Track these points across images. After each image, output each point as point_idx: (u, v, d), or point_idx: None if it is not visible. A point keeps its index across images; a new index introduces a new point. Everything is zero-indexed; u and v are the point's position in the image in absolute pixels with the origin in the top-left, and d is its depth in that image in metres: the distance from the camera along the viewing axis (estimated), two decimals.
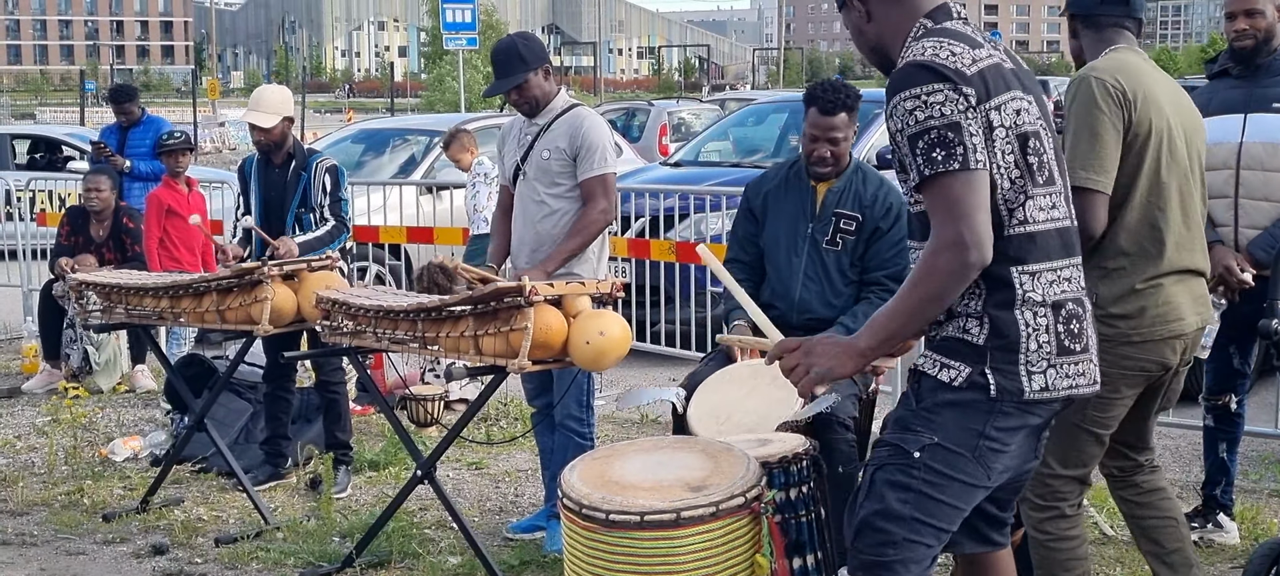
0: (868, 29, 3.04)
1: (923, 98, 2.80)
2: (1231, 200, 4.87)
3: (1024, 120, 2.87)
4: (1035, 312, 2.89)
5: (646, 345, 8.50)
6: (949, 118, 2.78)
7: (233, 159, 32.18)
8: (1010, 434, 2.92)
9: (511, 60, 5.18)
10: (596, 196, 5.18)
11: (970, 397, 2.88)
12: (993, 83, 2.83)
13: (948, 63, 2.81)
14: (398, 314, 4.69)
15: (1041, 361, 2.89)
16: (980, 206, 2.78)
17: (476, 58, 41.74)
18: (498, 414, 7.46)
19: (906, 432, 2.93)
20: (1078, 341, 2.95)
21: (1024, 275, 2.88)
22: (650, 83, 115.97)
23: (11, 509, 5.99)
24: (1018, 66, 2.98)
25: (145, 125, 10.16)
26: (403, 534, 5.37)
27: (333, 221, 6.19)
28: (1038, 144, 2.90)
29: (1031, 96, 2.93)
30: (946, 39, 2.87)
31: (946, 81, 2.79)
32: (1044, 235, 2.90)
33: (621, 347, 4.42)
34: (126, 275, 6.09)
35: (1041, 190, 2.90)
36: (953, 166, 2.78)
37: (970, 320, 2.90)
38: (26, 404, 8.15)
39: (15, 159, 16.57)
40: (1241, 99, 4.88)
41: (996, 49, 2.94)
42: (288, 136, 6.26)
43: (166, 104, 67.06)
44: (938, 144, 2.78)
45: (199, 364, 7.20)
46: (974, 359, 2.88)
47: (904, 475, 2.90)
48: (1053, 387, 2.90)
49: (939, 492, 2.90)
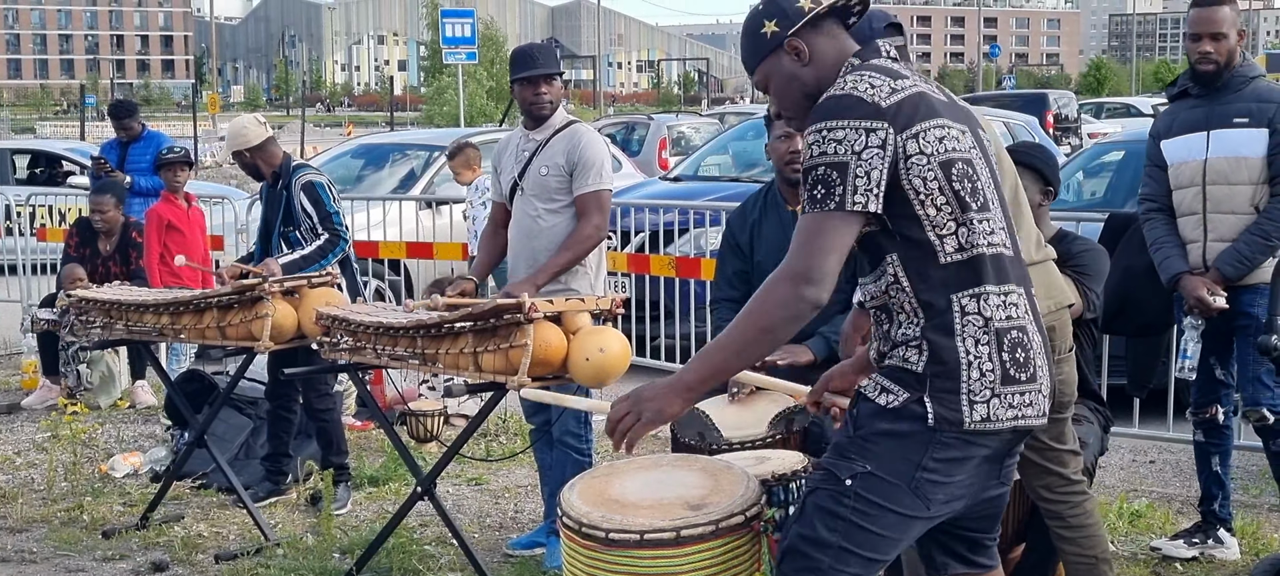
0: (805, 73, 2.99)
1: (824, 133, 2.80)
2: (1200, 216, 4.94)
3: (949, 147, 2.85)
4: (976, 340, 2.83)
5: (647, 360, 8.50)
6: (839, 156, 2.77)
7: (233, 174, 32.18)
8: (953, 465, 2.85)
9: (549, 56, 5.31)
10: (591, 212, 5.19)
11: (907, 427, 2.83)
12: (912, 111, 2.82)
13: (864, 95, 2.81)
14: (397, 331, 4.69)
15: (984, 390, 2.83)
16: (834, 249, 2.78)
17: (477, 71, 41.80)
18: (497, 430, 7.46)
19: (841, 459, 2.89)
20: (1024, 370, 2.88)
21: (963, 298, 2.84)
22: (650, 96, 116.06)
23: (11, 525, 5.99)
24: (951, 100, 2.98)
25: (145, 141, 10.17)
26: (403, 550, 5.36)
27: (325, 236, 6.16)
28: (967, 170, 2.87)
29: (964, 127, 2.92)
30: (868, 73, 2.86)
31: (853, 115, 2.78)
32: (980, 260, 2.85)
33: (621, 364, 4.41)
34: (127, 292, 6.09)
35: (976, 216, 2.86)
36: (828, 205, 2.78)
37: (910, 348, 2.86)
38: (26, 420, 8.14)
39: (15, 174, 16.58)
40: (1203, 117, 4.95)
41: (925, 82, 2.93)
42: (274, 155, 6.26)
43: (167, 118, 67.11)
44: (820, 182, 2.79)
45: (199, 380, 7.20)
46: (913, 385, 2.84)
47: (834, 502, 2.86)
48: (995, 418, 2.83)
49: (870, 523, 2.85)
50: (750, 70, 3.10)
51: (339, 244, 6.17)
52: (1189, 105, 5.03)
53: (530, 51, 5.37)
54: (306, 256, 6.07)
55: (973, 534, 3.12)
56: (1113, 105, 38.15)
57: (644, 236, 8.89)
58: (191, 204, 8.84)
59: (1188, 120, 5.00)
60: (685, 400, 2.94)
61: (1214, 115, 4.92)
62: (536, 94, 5.23)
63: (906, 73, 2.91)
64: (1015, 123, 12.58)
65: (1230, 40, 4.88)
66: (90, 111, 50.27)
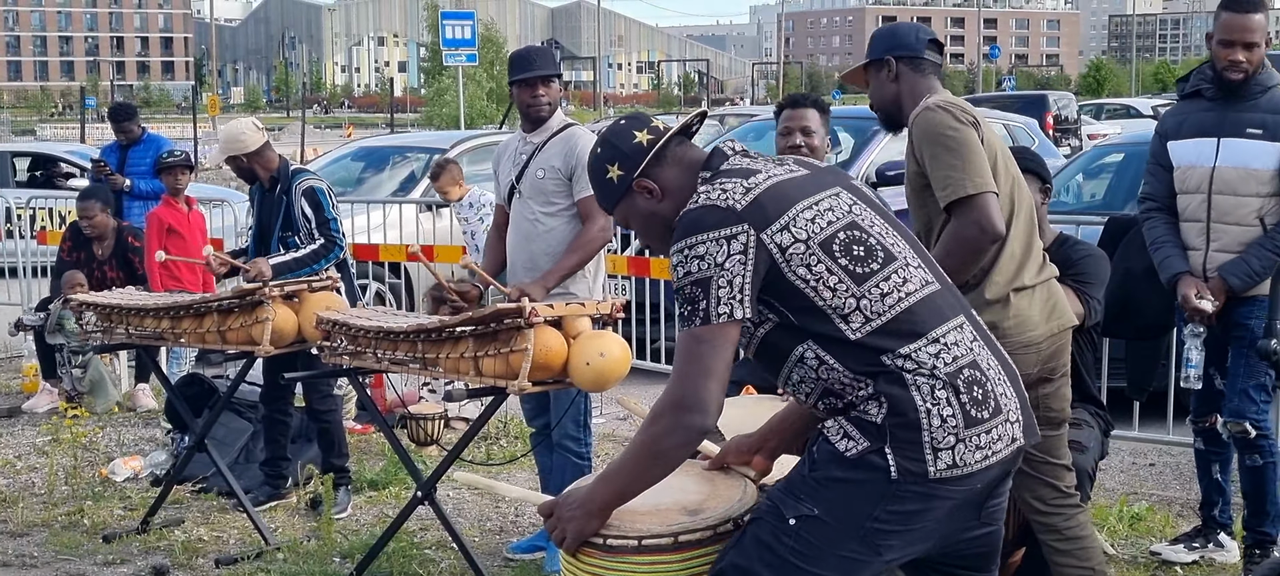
0: (662, 207, 2.95)
1: (685, 252, 2.76)
2: (1203, 225, 4.85)
3: (824, 223, 2.80)
4: (932, 387, 2.75)
5: (647, 363, 8.51)
6: (701, 272, 2.74)
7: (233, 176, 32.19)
8: (911, 517, 2.76)
9: (547, 57, 5.34)
10: (595, 214, 5.19)
11: (863, 476, 2.74)
12: (773, 204, 2.78)
13: (718, 202, 2.77)
14: (398, 335, 4.69)
15: (947, 437, 2.74)
16: (712, 371, 2.74)
17: (477, 73, 41.83)
18: (498, 432, 7.46)
19: (789, 496, 2.81)
20: (984, 408, 2.79)
21: (898, 357, 2.76)
22: (650, 97, 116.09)
23: (12, 530, 5.99)
24: (813, 170, 2.93)
25: (145, 144, 10.17)
26: (403, 554, 5.37)
27: (321, 240, 6.16)
28: (852, 236, 2.81)
29: (834, 190, 2.88)
30: (719, 180, 2.83)
31: (709, 227, 2.75)
32: (897, 321, 2.78)
33: (622, 369, 4.42)
34: (127, 295, 6.09)
35: (879, 276, 2.80)
36: (695, 322, 2.75)
37: (868, 402, 2.77)
38: (27, 423, 8.15)
39: (15, 176, 16.58)
40: (1214, 122, 4.83)
41: (781, 167, 2.89)
42: (271, 160, 6.26)
43: (167, 120, 67.12)
44: (687, 299, 2.76)
45: (199, 383, 7.20)
46: (874, 436, 2.75)
47: (774, 538, 2.79)
48: (963, 463, 2.75)
49: (807, 564, 2.76)
50: (608, 212, 3.09)
51: (333, 250, 6.17)
52: (1201, 107, 4.90)
53: (528, 54, 5.38)
54: (299, 259, 6.06)
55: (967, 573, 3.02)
56: (1112, 106, 38.14)
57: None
58: (192, 207, 8.83)
59: (1199, 123, 4.88)
60: (600, 520, 2.92)
61: (1227, 122, 4.80)
62: (534, 96, 5.24)
63: (758, 167, 2.87)
64: (1015, 125, 12.57)
65: (1261, 48, 4.76)
66: (90, 114, 50.24)
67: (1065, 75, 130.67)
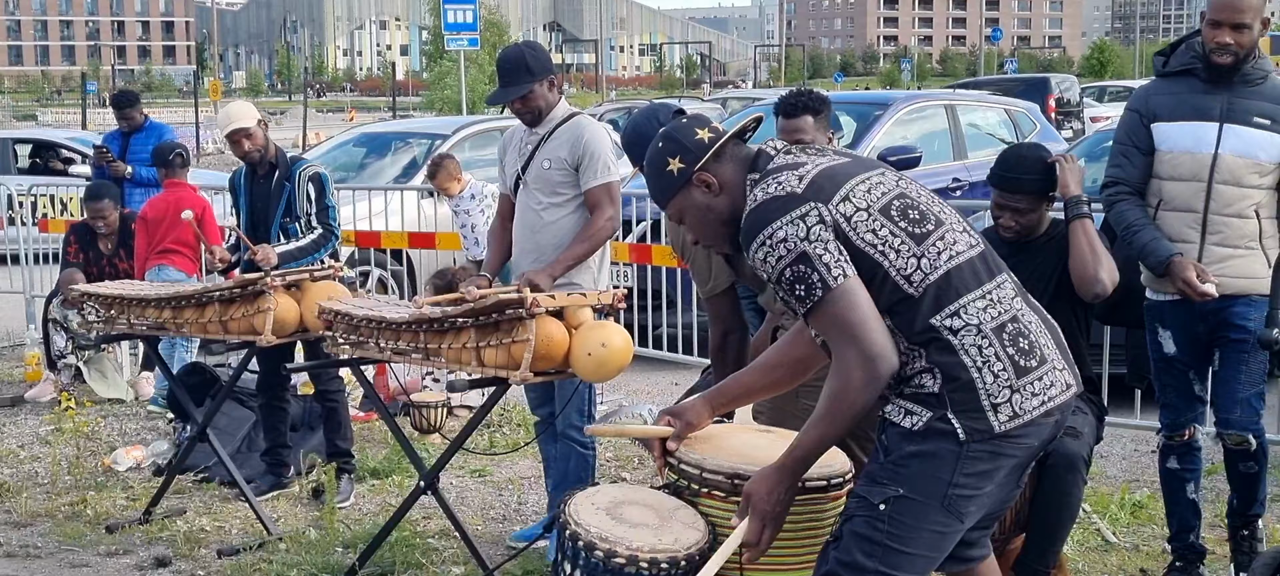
0: (718, 202, 3.07)
1: (766, 245, 2.88)
2: (1199, 215, 4.52)
3: (880, 193, 2.95)
4: (979, 347, 2.90)
5: (649, 350, 8.51)
6: (794, 250, 2.85)
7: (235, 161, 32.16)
8: (982, 478, 2.92)
9: (518, 71, 5.17)
10: (603, 204, 5.18)
11: (934, 446, 2.89)
12: (829, 183, 2.92)
13: (778, 193, 2.90)
14: (400, 325, 4.69)
15: (1002, 390, 2.89)
16: (867, 319, 2.84)
17: (479, 56, 41.76)
18: (500, 420, 7.46)
19: (873, 485, 2.95)
20: (1032, 356, 2.95)
21: (949, 317, 2.91)
22: (652, 80, 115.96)
23: (15, 520, 6.00)
24: (854, 158, 3.07)
25: (147, 131, 10.14)
26: (406, 544, 5.38)
27: (319, 230, 6.18)
28: (906, 203, 2.96)
29: (879, 170, 3.02)
30: (770, 177, 2.96)
31: (781, 213, 2.87)
32: (954, 273, 2.93)
33: (623, 358, 4.42)
34: (128, 286, 6.09)
35: (934, 236, 2.94)
36: (817, 295, 2.84)
37: (923, 374, 2.93)
38: (30, 412, 8.15)
39: (17, 163, 16.57)
40: (1217, 108, 4.51)
41: (823, 155, 3.01)
42: (269, 144, 6.26)
43: (169, 104, 67.06)
44: (796, 280, 2.87)
45: (201, 372, 7.20)
46: (934, 405, 2.90)
47: (869, 528, 2.93)
48: (1022, 411, 2.91)
49: (905, 545, 2.92)
50: (662, 206, 3.17)
51: (330, 240, 6.20)
52: (1195, 89, 4.55)
53: (502, 69, 5.21)
54: (302, 248, 6.12)
55: (971, 534, 3.14)
56: (1115, 89, 38.03)
57: (645, 226, 8.88)
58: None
59: (1196, 107, 4.52)
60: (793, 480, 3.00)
61: (1233, 108, 4.48)
62: (522, 106, 5.18)
63: (804, 159, 3.00)
64: (1016, 110, 12.55)
65: (1254, 32, 4.44)
66: (91, 99, 50.19)
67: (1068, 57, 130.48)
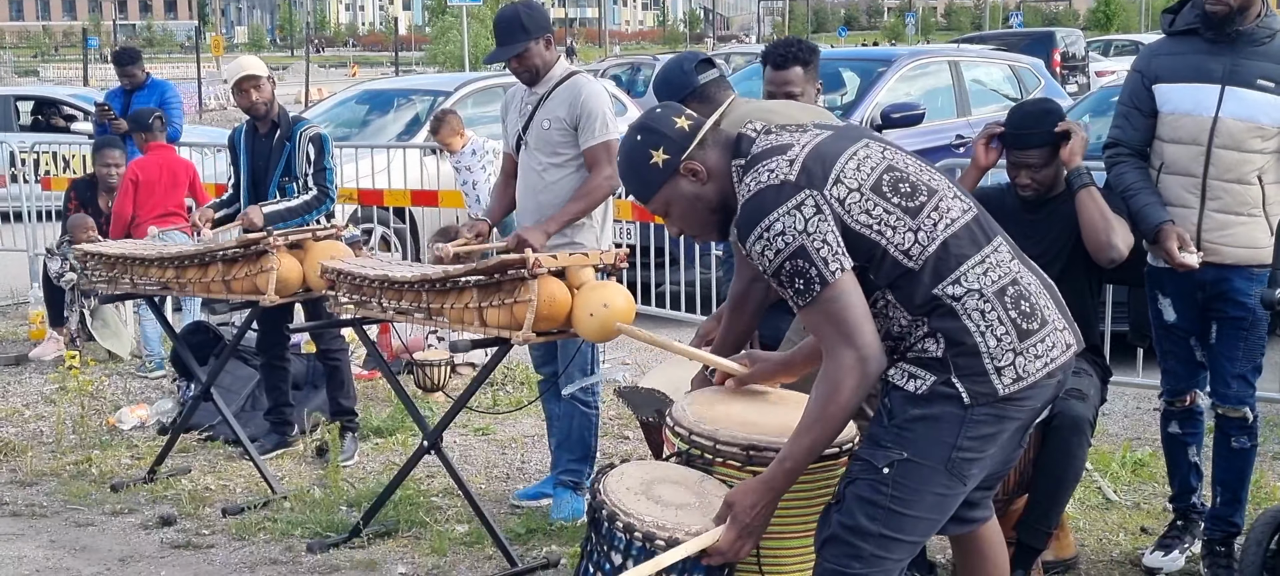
0: (706, 190, 3.03)
1: (763, 236, 2.84)
2: (1198, 180, 4.37)
3: (868, 169, 2.90)
4: (981, 311, 2.89)
5: (651, 308, 8.51)
6: (792, 244, 2.81)
7: (237, 116, 32.08)
8: (986, 441, 2.92)
9: (514, 29, 5.17)
10: (601, 163, 5.18)
11: (939, 410, 2.89)
12: (818, 165, 2.87)
13: (772, 182, 2.85)
14: (402, 284, 4.70)
15: (1006, 353, 2.89)
16: (859, 318, 2.83)
17: (481, 11, 41.61)
18: (504, 379, 7.48)
19: (877, 448, 2.95)
20: (1033, 319, 2.94)
21: (949, 285, 2.90)
22: (655, 34, 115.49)
23: (21, 479, 6.03)
24: (836, 127, 3.04)
25: (149, 89, 10.11)
26: (410, 502, 5.40)
27: (314, 190, 6.18)
28: (896, 175, 2.93)
29: (863, 141, 2.97)
30: (759, 163, 2.90)
31: (776, 204, 2.82)
32: (952, 241, 2.92)
33: (625, 318, 4.41)
34: (132, 245, 6.10)
35: (928, 207, 2.92)
36: (815, 291, 2.82)
37: (926, 340, 2.92)
38: (34, 371, 8.18)
39: (19, 120, 16.55)
40: (1219, 69, 4.34)
41: (804, 131, 2.97)
42: (273, 102, 6.26)
43: (171, 60, 66.85)
44: (794, 275, 2.83)
45: (205, 331, 7.22)
46: (937, 369, 2.90)
47: (873, 491, 2.92)
48: (1026, 374, 2.91)
49: (908, 508, 2.92)
50: (644, 201, 3.10)
51: (325, 202, 6.20)
52: (1197, 49, 4.38)
53: (498, 27, 5.27)
54: (292, 208, 6.12)
55: (972, 495, 3.15)
56: (1121, 43, 37.88)
57: None
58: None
59: (1197, 67, 4.36)
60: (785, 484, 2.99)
61: (1236, 70, 4.30)
62: (519, 65, 5.20)
63: (790, 140, 2.94)
64: (1021, 66, 12.50)
65: None
66: (92, 54, 50.04)
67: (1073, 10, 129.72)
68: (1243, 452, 4.61)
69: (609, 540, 3.16)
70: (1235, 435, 4.59)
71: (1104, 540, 5.02)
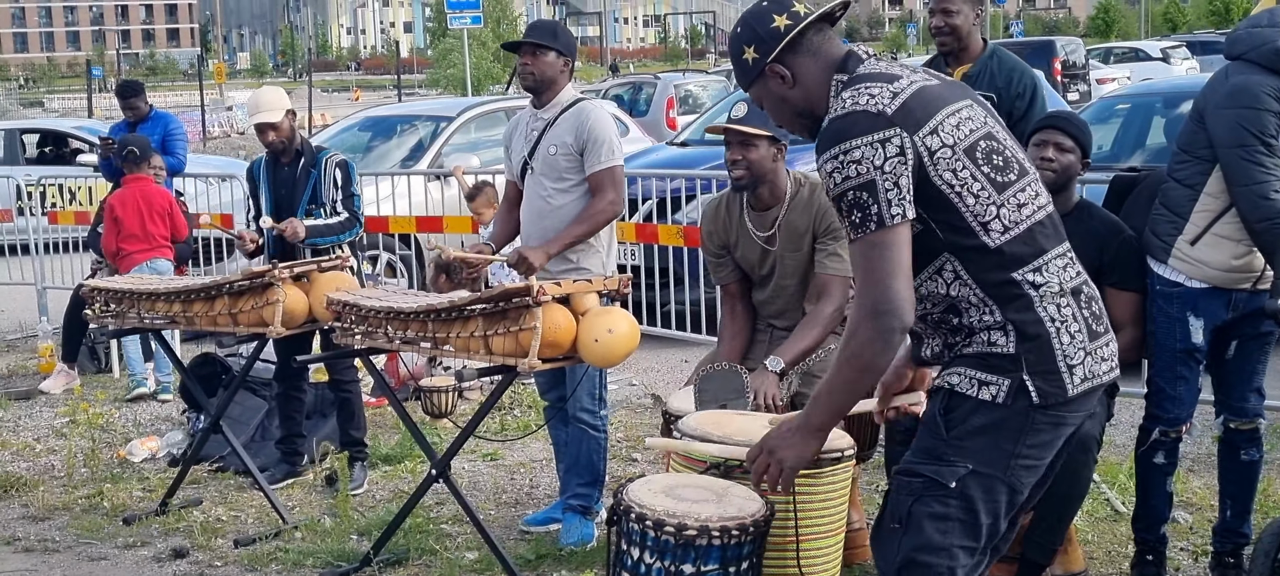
0: (793, 94, 2.97)
1: (840, 157, 2.76)
2: None
3: (967, 131, 2.83)
4: (1058, 305, 2.84)
5: (656, 329, 8.54)
6: (863, 176, 2.74)
7: (241, 143, 32.19)
8: (1043, 448, 2.88)
9: (544, 31, 5.35)
10: (605, 188, 5.22)
11: (1004, 416, 2.83)
12: (919, 109, 2.79)
13: (868, 108, 2.77)
14: (408, 315, 4.73)
15: (1077, 352, 2.84)
16: (897, 270, 2.75)
17: (483, 34, 41.72)
18: (511, 403, 7.50)
19: (940, 463, 2.88)
20: (1100, 322, 2.91)
21: (1031, 272, 2.83)
22: (656, 51, 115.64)
23: (33, 514, 6.06)
24: (945, 81, 2.94)
25: (153, 121, 10.15)
26: (420, 530, 5.42)
27: (345, 214, 6.26)
28: (992, 146, 2.85)
29: (968, 102, 2.89)
30: (863, 84, 2.82)
31: (863, 132, 2.75)
32: (1031, 232, 2.85)
33: (630, 344, 4.45)
34: (138, 281, 6.13)
35: (1017, 186, 2.85)
36: (868, 228, 2.75)
37: (994, 331, 2.84)
38: (44, 405, 8.21)
39: (25, 153, 16.61)
40: None
41: (918, 74, 2.90)
42: (295, 133, 6.32)
43: (174, 88, 67.06)
44: (854, 206, 2.76)
45: (213, 363, 7.25)
46: (1011, 368, 2.82)
47: (942, 505, 2.87)
48: (1093, 375, 2.86)
49: (975, 518, 2.87)
50: (746, 88, 3.09)
51: (355, 226, 6.27)
52: None
53: (533, 24, 5.48)
54: (329, 226, 6.23)
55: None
56: (1120, 50, 37.91)
57: (651, 204, 8.91)
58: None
59: None
60: (819, 442, 2.98)
61: None
62: (531, 62, 5.27)
63: (899, 72, 2.87)
64: None
65: None
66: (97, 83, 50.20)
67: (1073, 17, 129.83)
68: (1251, 464, 4.65)
69: (628, 536, 3.23)
70: (1245, 447, 4.62)
71: (1112, 552, 5.03)
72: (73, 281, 9.76)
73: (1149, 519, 4.72)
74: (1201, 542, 5.03)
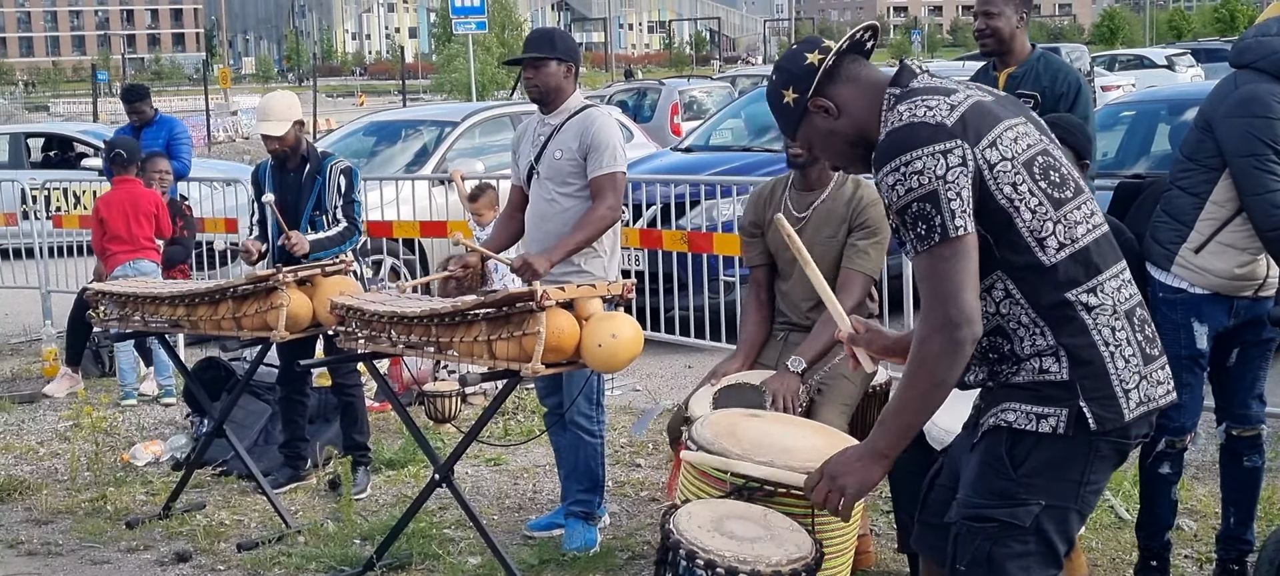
0: (840, 125, 2.93)
1: (901, 169, 2.72)
2: None
3: (1025, 145, 2.79)
4: (1113, 328, 2.78)
5: (661, 334, 8.53)
6: (926, 187, 2.70)
7: (246, 148, 32.22)
8: (1104, 473, 2.86)
9: (542, 42, 5.35)
10: (605, 193, 5.23)
11: (1067, 447, 2.79)
12: (978, 122, 2.75)
13: (927, 119, 2.73)
14: (412, 319, 4.73)
15: (1133, 376, 2.79)
16: (966, 282, 2.71)
17: (487, 39, 41.76)
18: (514, 408, 7.50)
19: (1012, 504, 2.83)
20: (1154, 345, 2.86)
21: (1086, 293, 2.78)
22: (661, 57, 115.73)
23: (36, 518, 6.06)
24: (999, 97, 2.90)
25: (158, 125, 10.17)
26: (423, 535, 5.42)
27: (345, 223, 6.25)
28: (1049, 161, 2.81)
29: (1021, 118, 2.86)
30: (919, 96, 2.79)
31: (923, 143, 2.71)
32: (1086, 250, 2.79)
33: (633, 349, 4.45)
34: (142, 284, 6.13)
35: (1073, 203, 2.80)
36: (933, 241, 2.71)
37: (1046, 357, 2.80)
38: (48, 409, 8.21)
39: (30, 157, 16.63)
40: None
41: (972, 88, 2.86)
42: (301, 140, 6.32)
43: (179, 92, 67.16)
44: (919, 219, 2.72)
45: (217, 367, 7.25)
46: (1066, 397, 2.78)
47: (1021, 544, 2.83)
48: (1148, 399, 2.81)
49: (1052, 548, 2.85)
50: (792, 138, 3.05)
51: (355, 234, 6.27)
52: None
53: (531, 36, 5.48)
54: (331, 238, 6.23)
55: None
56: (1125, 57, 37.91)
57: (655, 210, 8.91)
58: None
59: None
60: (883, 469, 2.91)
61: None
62: (534, 75, 5.29)
63: (954, 86, 2.84)
64: None
65: None
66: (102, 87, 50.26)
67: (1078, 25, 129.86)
68: (1254, 471, 4.66)
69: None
70: (1247, 454, 4.62)
71: (1116, 559, 5.02)
72: (77, 285, 9.77)
73: (1153, 526, 4.71)
74: (1205, 549, 5.03)
